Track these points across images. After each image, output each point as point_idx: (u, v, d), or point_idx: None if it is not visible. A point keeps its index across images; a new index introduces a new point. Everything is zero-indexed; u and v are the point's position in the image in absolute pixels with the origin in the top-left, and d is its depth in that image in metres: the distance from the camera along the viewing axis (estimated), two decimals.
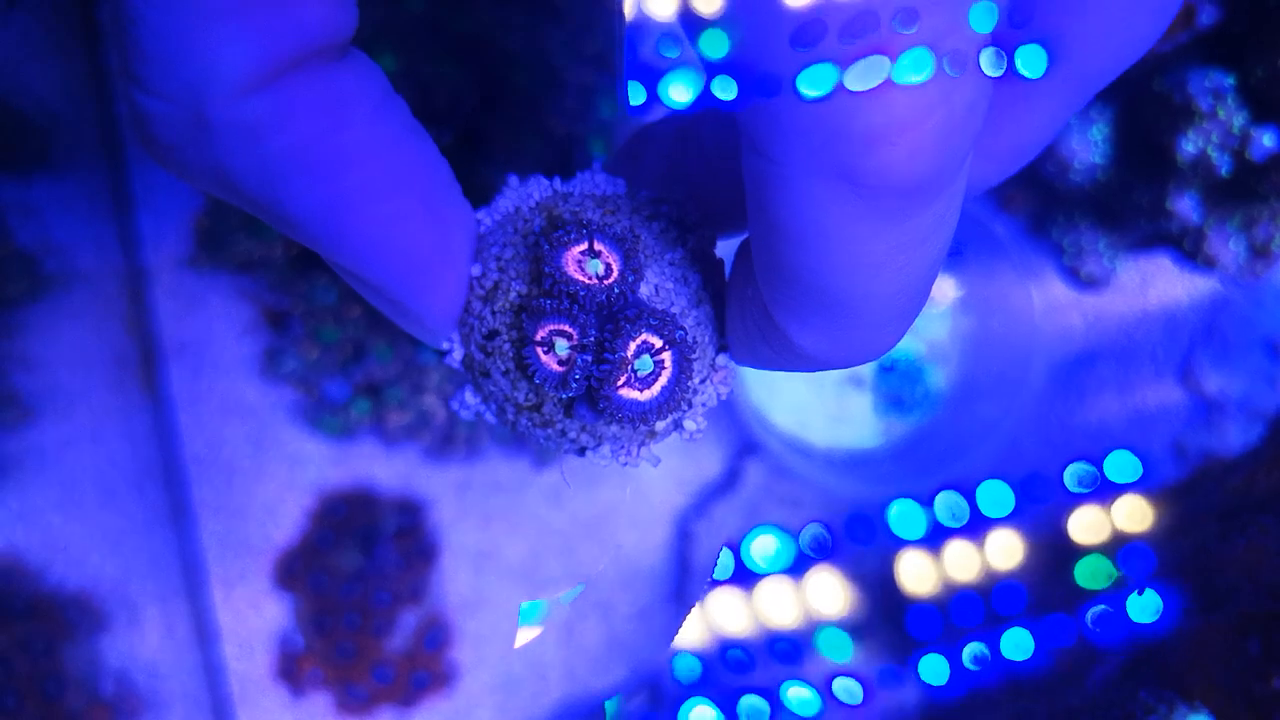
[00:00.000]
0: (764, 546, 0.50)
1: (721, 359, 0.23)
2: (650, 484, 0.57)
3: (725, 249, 0.24)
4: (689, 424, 0.23)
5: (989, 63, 0.17)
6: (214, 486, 0.55)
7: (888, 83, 0.15)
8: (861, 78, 0.15)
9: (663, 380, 0.20)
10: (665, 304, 0.21)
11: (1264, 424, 0.55)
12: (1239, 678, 0.42)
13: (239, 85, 0.16)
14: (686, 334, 0.21)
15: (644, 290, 0.21)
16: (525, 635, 0.52)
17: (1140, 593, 0.46)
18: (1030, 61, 0.18)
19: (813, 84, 0.15)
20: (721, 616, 0.50)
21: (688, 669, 0.49)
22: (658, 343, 0.20)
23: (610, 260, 0.20)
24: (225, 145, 0.17)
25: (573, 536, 0.57)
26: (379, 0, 0.50)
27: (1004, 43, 0.17)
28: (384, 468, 0.56)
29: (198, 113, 0.17)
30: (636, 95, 0.21)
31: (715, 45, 0.16)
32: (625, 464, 0.23)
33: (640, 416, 0.20)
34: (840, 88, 0.15)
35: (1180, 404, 0.57)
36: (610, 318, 0.20)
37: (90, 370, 0.54)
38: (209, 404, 0.55)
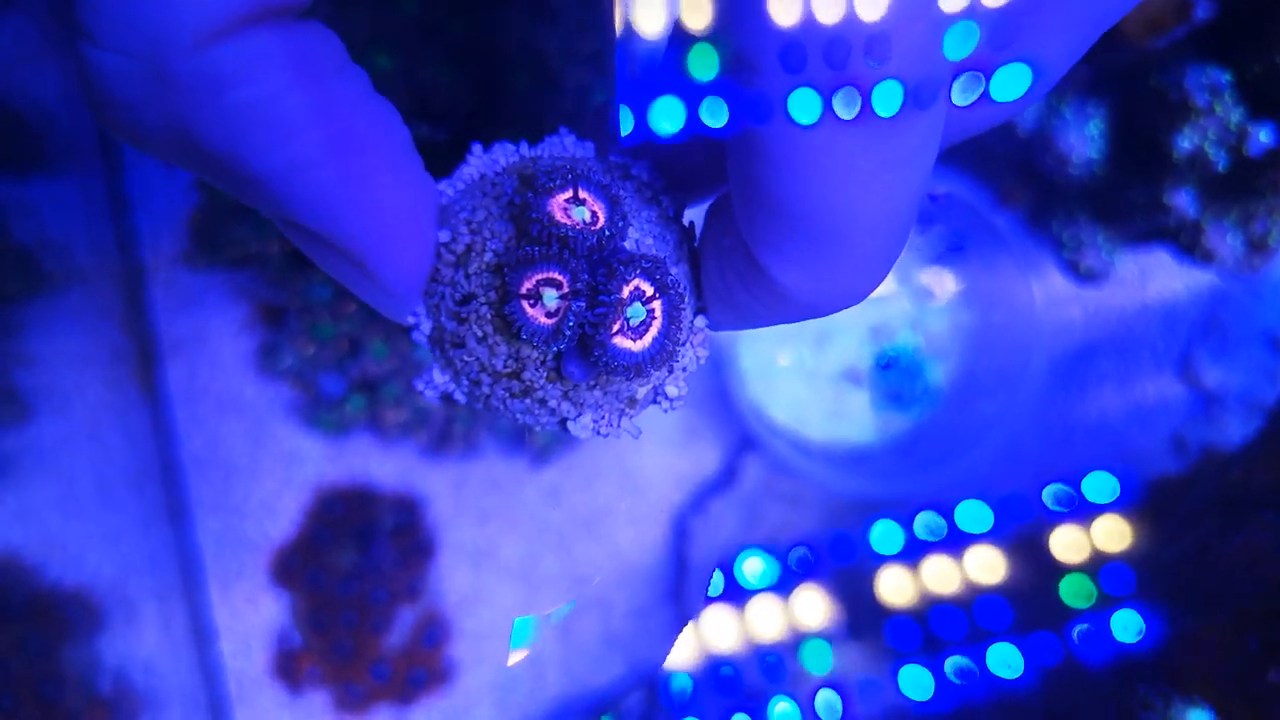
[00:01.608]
0: (753, 568, 0.50)
1: (700, 321, 0.22)
2: (648, 481, 0.57)
3: (692, 217, 0.24)
4: (670, 389, 0.22)
5: (961, 91, 0.17)
6: (211, 484, 0.55)
7: None
8: (840, 107, 0.15)
9: (654, 331, 0.20)
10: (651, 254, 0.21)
11: (1263, 417, 0.54)
12: (1238, 673, 0.42)
13: (201, 35, 0.16)
14: (677, 280, 0.21)
15: (627, 244, 0.21)
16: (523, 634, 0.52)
17: (1120, 611, 0.46)
18: (1006, 86, 0.18)
19: (802, 111, 0.16)
20: (714, 633, 0.50)
21: (680, 688, 0.49)
22: (649, 289, 0.20)
23: (595, 208, 0.20)
24: (186, 99, 0.16)
25: (570, 534, 0.57)
26: (374, 3, 0.50)
27: (983, 63, 0.18)
28: (381, 465, 0.56)
29: (157, 66, 0.16)
30: (627, 124, 0.21)
31: (705, 65, 0.17)
32: (606, 435, 0.22)
33: (635, 367, 0.20)
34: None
35: (1179, 397, 0.57)
36: (602, 262, 0.20)
37: (88, 368, 0.55)
38: (206, 401, 0.55)
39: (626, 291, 0.19)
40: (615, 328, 0.19)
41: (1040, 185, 0.57)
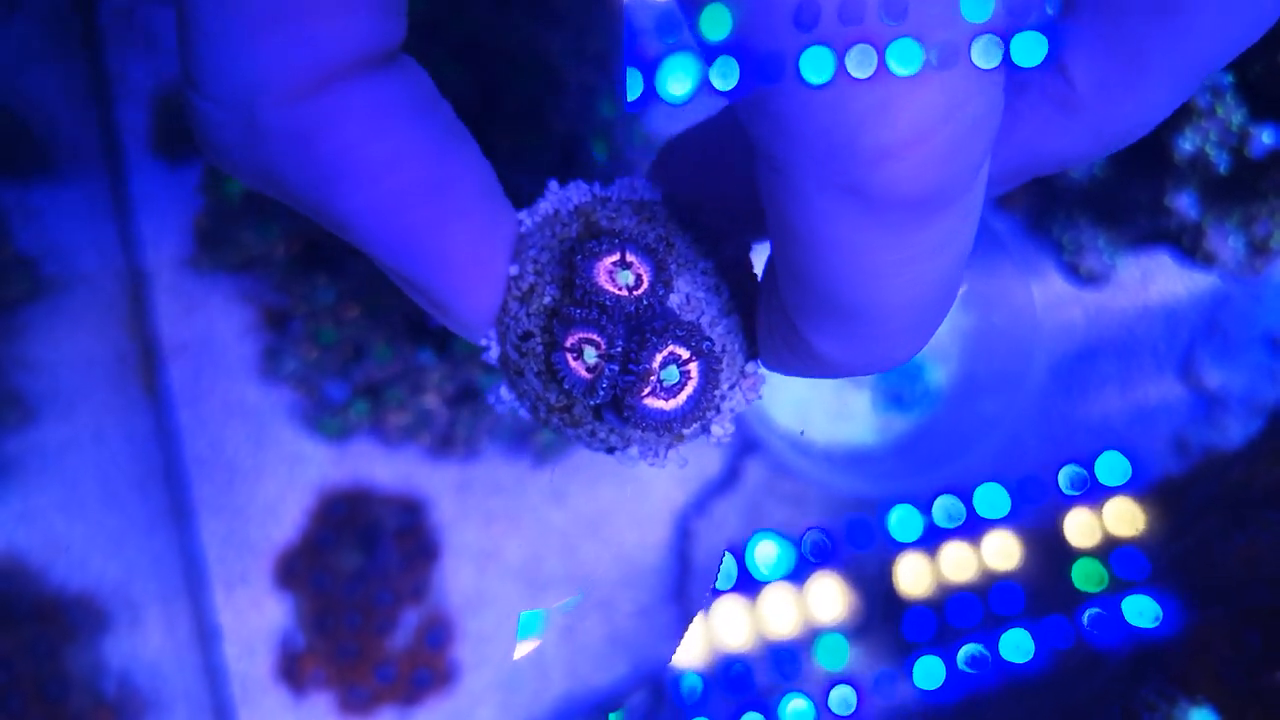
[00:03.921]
0: (765, 553, 0.50)
1: (751, 366, 0.23)
2: (651, 482, 0.57)
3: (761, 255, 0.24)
4: (716, 429, 0.23)
5: (981, 54, 0.17)
6: (215, 487, 0.55)
7: (894, 96, 0.15)
8: (853, 67, 0.15)
9: (688, 390, 0.21)
10: (695, 314, 0.21)
11: (1265, 419, 0.55)
12: (1242, 672, 0.42)
13: (288, 93, 0.17)
14: (714, 345, 0.21)
15: (674, 300, 0.21)
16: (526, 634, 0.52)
17: (1134, 596, 0.46)
18: (1026, 51, 0.18)
19: (813, 69, 0.15)
20: (725, 628, 0.50)
21: (691, 688, 0.49)
22: (685, 354, 0.20)
23: (641, 271, 0.21)
24: (274, 149, 0.18)
25: (573, 535, 0.57)
26: None
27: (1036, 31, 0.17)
28: (384, 467, 0.56)
29: (249, 118, 0.18)
30: (635, 88, 0.21)
31: (716, 25, 0.16)
32: (653, 465, 0.23)
33: (665, 425, 0.21)
34: (846, 99, 0.15)
35: (1181, 399, 0.57)
36: (638, 329, 0.20)
37: (92, 371, 0.55)
38: (210, 404, 0.55)
39: (659, 359, 0.20)
40: (645, 392, 0.20)
41: (1040, 188, 0.58)
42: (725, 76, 0.17)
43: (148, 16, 0.56)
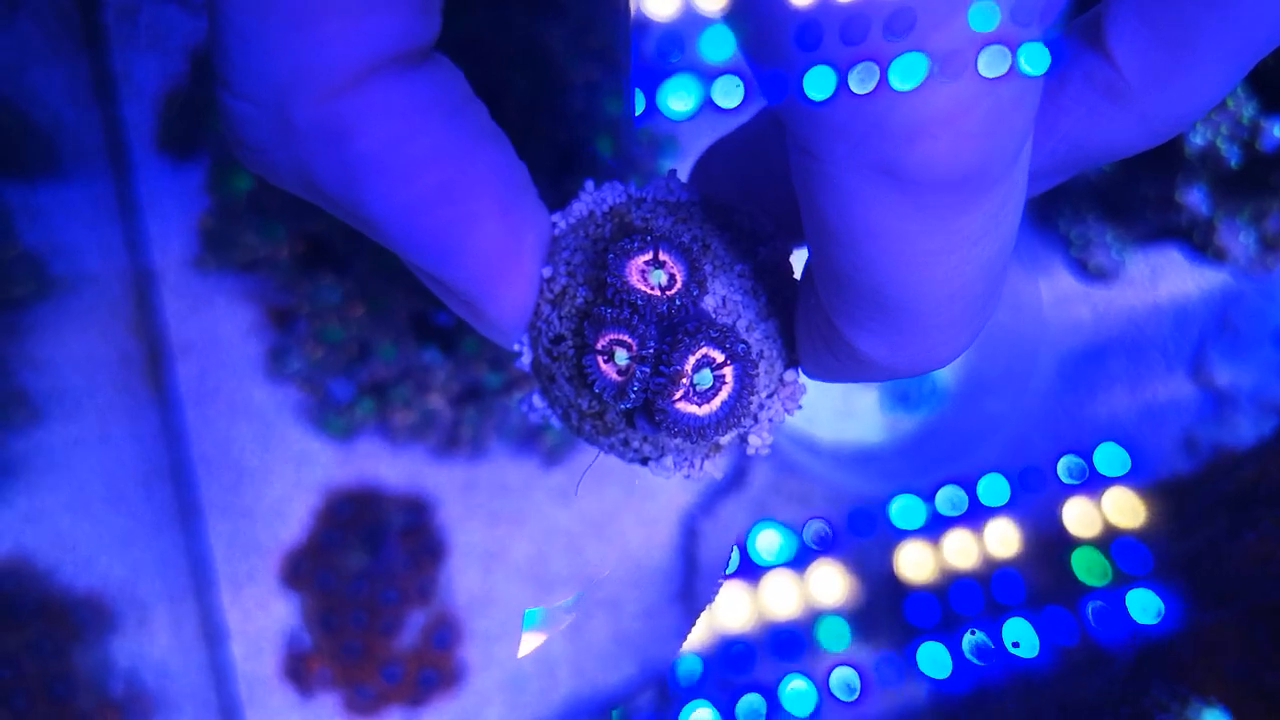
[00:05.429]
0: (768, 541, 0.50)
1: (791, 374, 0.22)
2: (657, 483, 0.57)
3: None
4: (754, 439, 0.22)
5: (987, 65, 0.17)
6: (221, 486, 0.55)
7: (929, 75, 0.15)
8: (857, 84, 0.15)
9: (723, 395, 0.20)
10: (731, 317, 0.21)
11: (1277, 417, 0.54)
12: (1251, 670, 0.42)
13: (321, 90, 0.17)
14: (749, 348, 0.20)
15: (710, 302, 0.21)
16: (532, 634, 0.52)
17: (1137, 590, 0.46)
18: (1032, 60, 0.18)
19: (816, 88, 0.15)
20: (726, 611, 0.50)
21: (689, 670, 0.49)
22: (719, 357, 0.20)
23: (674, 271, 0.20)
24: (307, 147, 0.18)
25: (579, 536, 0.57)
26: None
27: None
28: (390, 467, 0.56)
29: (282, 116, 0.17)
30: (641, 103, 0.21)
31: (719, 45, 0.16)
32: (688, 476, 0.22)
33: (698, 431, 0.20)
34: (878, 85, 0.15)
35: (1191, 397, 0.56)
36: (670, 330, 0.20)
37: (98, 371, 0.55)
38: (216, 404, 0.55)
39: (692, 361, 0.19)
40: (677, 395, 0.20)
41: None
42: (729, 94, 0.17)
43: (152, 15, 0.56)
